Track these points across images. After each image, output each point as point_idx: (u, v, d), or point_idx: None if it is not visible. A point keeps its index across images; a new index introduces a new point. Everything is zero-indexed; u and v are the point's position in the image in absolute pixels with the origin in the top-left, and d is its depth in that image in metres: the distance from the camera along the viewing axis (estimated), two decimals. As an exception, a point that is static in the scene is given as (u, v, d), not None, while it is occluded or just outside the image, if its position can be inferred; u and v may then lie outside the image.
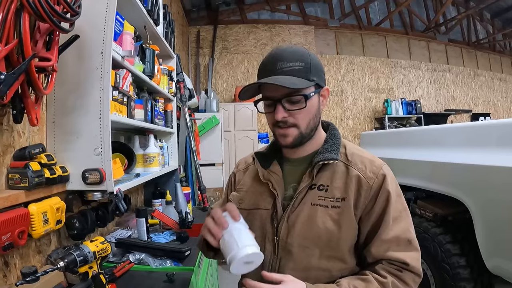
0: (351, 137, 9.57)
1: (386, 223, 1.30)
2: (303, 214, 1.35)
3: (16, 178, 1.66)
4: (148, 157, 3.06)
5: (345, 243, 1.33)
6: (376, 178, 1.34)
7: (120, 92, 2.33)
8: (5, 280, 1.63)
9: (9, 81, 1.36)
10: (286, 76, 1.28)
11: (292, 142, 1.36)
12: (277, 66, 1.30)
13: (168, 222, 2.93)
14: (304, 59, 1.32)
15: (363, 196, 1.32)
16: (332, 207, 1.32)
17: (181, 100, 4.42)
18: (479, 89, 10.76)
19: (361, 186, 1.33)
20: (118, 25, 2.21)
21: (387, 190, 1.32)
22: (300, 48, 1.37)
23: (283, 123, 1.33)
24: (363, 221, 1.34)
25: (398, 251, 1.28)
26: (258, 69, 1.42)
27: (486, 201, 2.68)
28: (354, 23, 10.10)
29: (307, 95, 1.31)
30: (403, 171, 3.64)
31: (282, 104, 1.31)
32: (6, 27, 1.32)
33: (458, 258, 3.03)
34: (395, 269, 1.27)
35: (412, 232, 1.35)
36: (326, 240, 1.31)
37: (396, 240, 1.29)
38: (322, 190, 1.35)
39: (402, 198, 1.38)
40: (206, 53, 9.25)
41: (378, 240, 1.30)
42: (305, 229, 1.33)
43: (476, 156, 2.79)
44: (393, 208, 1.31)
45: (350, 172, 1.36)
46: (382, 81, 9.93)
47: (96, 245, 1.66)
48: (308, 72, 1.31)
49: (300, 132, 1.35)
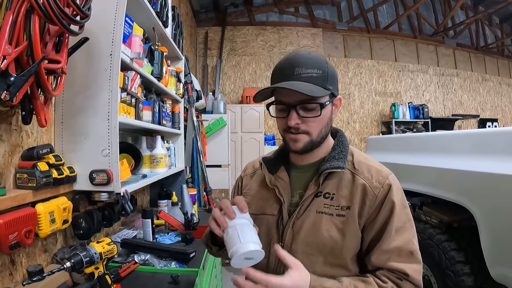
0: (358, 140, 9.54)
1: (388, 233, 1.29)
2: (308, 221, 1.35)
3: (24, 178, 1.68)
4: (155, 158, 3.07)
5: (348, 252, 1.32)
6: (382, 188, 1.33)
7: (129, 94, 2.34)
8: (11, 279, 1.65)
9: (19, 83, 1.37)
10: (303, 82, 1.26)
11: (302, 147, 1.35)
12: (295, 71, 1.28)
13: (173, 223, 2.94)
14: (322, 66, 1.31)
15: (367, 205, 1.31)
16: (337, 216, 1.32)
17: (188, 101, 4.43)
18: (487, 94, 10.67)
19: (366, 195, 1.32)
20: (127, 27, 2.23)
21: (392, 201, 1.31)
22: (318, 55, 1.36)
23: (295, 129, 1.32)
24: (366, 230, 1.33)
25: (399, 262, 1.28)
26: (273, 71, 1.39)
27: (491, 209, 2.67)
28: (362, 26, 10.05)
29: (323, 104, 1.30)
30: (409, 177, 3.64)
31: (297, 110, 1.30)
32: (16, 29, 1.33)
33: (462, 265, 3.02)
34: (395, 277, 1.27)
35: (415, 244, 1.34)
36: (330, 248, 1.31)
37: (398, 251, 1.29)
38: (328, 198, 1.35)
39: (407, 209, 1.37)
40: (214, 54, 9.25)
41: (379, 250, 1.30)
42: (310, 236, 1.33)
43: (483, 163, 2.78)
44: (397, 218, 1.31)
45: (356, 180, 1.36)
46: (390, 85, 9.88)
47: (103, 246, 1.67)
48: (325, 81, 1.30)
49: (311, 140, 1.35)
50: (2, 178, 1.62)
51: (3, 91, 1.32)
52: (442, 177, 3.33)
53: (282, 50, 9.36)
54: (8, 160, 1.67)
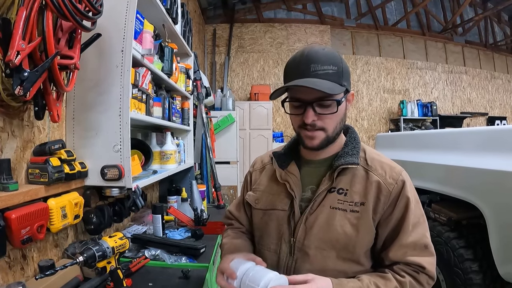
0: (366, 138, 9.53)
1: (405, 228, 1.30)
2: (321, 217, 1.35)
3: (36, 173, 1.69)
4: (165, 154, 3.08)
5: (361, 247, 1.33)
6: (396, 184, 1.34)
7: (140, 90, 2.35)
8: (23, 273, 1.66)
9: (33, 78, 1.38)
10: (320, 79, 1.26)
11: (318, 144, 1.36)
12: (311, 68, 1.27)
13: (183, 219, 2.95)
14: (337, 63, 1.30)
15: (382, 202, 1.32)
16: (351, 211, 1.32)
17: (198, 98, 4.45)
18: (495, 92, 10.60)
19: (380, 191, 1.33)
20: (138, 24, 2.24)
21: (406, 196, 1.33)
22: (333, 51, 1.35)
23: (311, 126, 1.32)
24: (381, 226, 1.34)
25: (415, 256, 1.29)
26: (287, 66, 1.39)
27: (501, 207, 2.65)
28: (371, 23, 10.02)
29: (339, 101, 1.30)
30: (418, 174, 3.62)
31: (313, 107, 1.30)
32: (29, 25, 1.33)
33: (470, 263, 3.01)
34: (412, 270, 1.28)
35: (428, 237, 1.35)
36: (344, 244, 1.31)
37: (413, 245, 1.30)
38: (342, 194, 1.35)
39: (419, 204, 1.39)
40: (222, 51, 9.28)
41: (396, 245, 1.31)
42: (323, 232, 1.33)
43: (492, 161, 2.77)
44: (413, 214, 1.32)
45: (370, 177, 1.36)
46: (398, 82, 9.86)
47: (115, 241, 1.68)
48: (340, 77, 1.30)
49: (327, 136, 1.35)
50: (14, 173, 1.63)
51: (17, 86, 1.33)
52: (451, 175, 3.31)
53: (290, 47, 9.36)
54: (20, 156, 1.68)
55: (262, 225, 1.51)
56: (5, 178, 1.47)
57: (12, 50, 1.27)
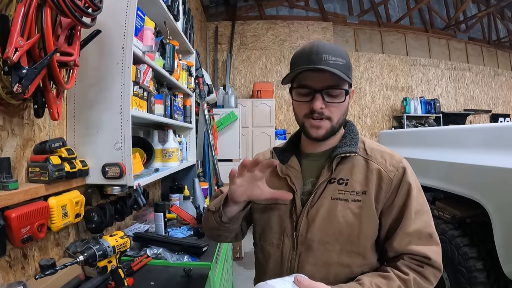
0: (369, 135, 9.49)
1: (408, 216, 1.30)
2: (323, 209, 1.35)
3: (36, 171, 1.68)
4: (167, 152, 3.07)
5: (366, 238, 1.33)
6: (397, 171, 1.35)
7: (141, 87, 2.34)
8: (23, 272, 1.66)
9: (31, 76, 1.37)
10: (332, 68, 1.28)
11: (324, 134, 1.37)
12: (323, 57, 1.29)
13: (185, 217, 2.94)
14: (345, 57, 1.35)
15: (384, 190, 1.33)
16: (352, 201, 1.33)
17: (200, 95, 4.42)
18: (499, 89, 10.54)
19: (381, 179, 1.34)
20: (139, 21, 2.22)
21: (408, 183, 1.33)
22: (339, 47, 1.38)
23: (318, 113, 1.33)
24: (384, 214, 1.35)
25: (419, 245, 1.28)
26: (295, 57, 1.40)
27: (505, 204, 2.62)
28: (373, 20, 9.97)
29: (347, 90, 1.34)
30: (421, 171, 3.59)
31: (322, 95, 1.31)
32: (28, 22, 1.32)
33: (475, 261, 2.99)
34: (416, 264, 1.27)
35: (433, 226, 1.36)
36: (347, 235, 1.31)
37: (418, 234, 1.30)
38: (342, 184, 1.36)
39: (422, 192, 1.39)
40: (224, 48, 9.26)
41: (400, 234, 1.30)
42: (326, 223, 1.33)
43: (496, 158, 2.74)
44: (415, 201, 1.32)
45: (370, 166, 1.37)
46: (401, 79, 9.82)
47: (116, 240, 1.67)
48: (348, 70, 1.33)
49: (332, 126, 1.36)
50: (14, 172, 1.62)
51: (16, 84, 1.32)
52: (454, 172, 3.29)
53: (292, 44, 9.34)
54: (20, 154, 1.67)
55: (264, 220, 1.51)
56: (5, 176, 1.47)
57: (10, 47, 1.26)
